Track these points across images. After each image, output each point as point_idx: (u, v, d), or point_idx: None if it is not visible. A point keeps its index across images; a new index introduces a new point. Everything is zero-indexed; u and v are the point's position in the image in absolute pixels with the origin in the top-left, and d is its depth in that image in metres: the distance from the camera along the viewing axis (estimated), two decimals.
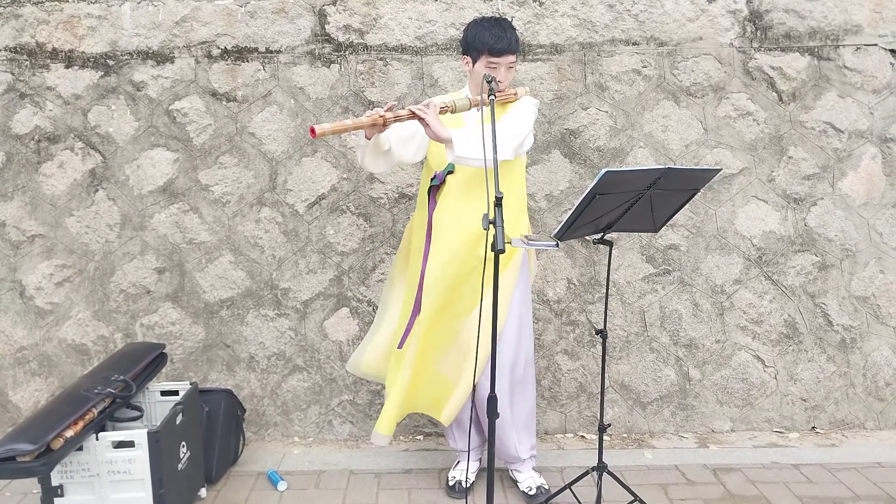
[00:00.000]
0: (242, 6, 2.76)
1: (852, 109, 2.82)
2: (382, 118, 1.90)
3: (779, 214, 2.83)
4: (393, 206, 2.81)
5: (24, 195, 2.79)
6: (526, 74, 2.78)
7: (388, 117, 1.91)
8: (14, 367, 2.80)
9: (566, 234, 1.88)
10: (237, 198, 2.80)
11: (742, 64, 2.82)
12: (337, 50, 2.78)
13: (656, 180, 1.81)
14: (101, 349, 2.79)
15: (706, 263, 2.83)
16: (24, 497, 2.35)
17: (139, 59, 2.78)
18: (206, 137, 2.79)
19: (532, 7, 2.77)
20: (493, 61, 2.03)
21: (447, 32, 2.77)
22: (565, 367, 2.83)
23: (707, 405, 2.84)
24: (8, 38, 2.76)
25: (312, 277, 2.81)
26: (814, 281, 2.83)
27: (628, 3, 2.78)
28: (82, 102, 2.79)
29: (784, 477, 2.46)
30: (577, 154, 2.81)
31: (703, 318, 2.83)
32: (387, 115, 1.91)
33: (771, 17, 2.81)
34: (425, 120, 1.92)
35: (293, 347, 2.82)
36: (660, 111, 2.82)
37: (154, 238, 2.80)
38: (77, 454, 1.93)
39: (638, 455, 2.66)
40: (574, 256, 2.82)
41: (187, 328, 2.80)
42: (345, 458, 2.65)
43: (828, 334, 2.84)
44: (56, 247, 2.79)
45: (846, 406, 2.86)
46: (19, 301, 2.79)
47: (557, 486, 2.23)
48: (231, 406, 2.56)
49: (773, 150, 2.83)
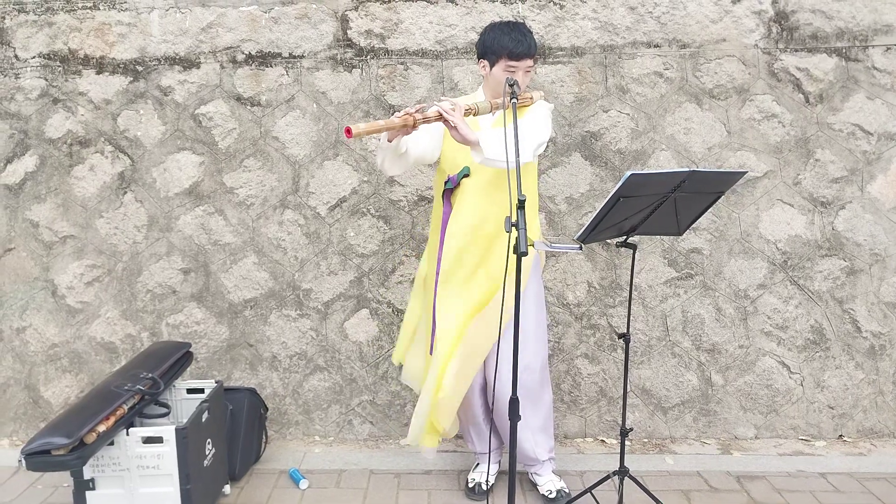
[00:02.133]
0: (266, 12, 2.81)
1: (881, 111, 2.76)
2: (413, 118, 1.91)
3: (805, 218, 2.78)
4: (412, 209, 2.83)
5: (56, 197, 2.87)
6: (546, 77, 2.78)
7: (417, 118, 1.92)
8: (46, 363, 2.88)
9: (589, 237, 1.87)
10: (261, 200, 2.85)
11: (767, 65, 2.78)
12: (358, 55, 2.81)
13: (681, 183, 1.80)
14: (129, 347, 2.86)
15: (729, 267, 2.79)
16: (55, 490, 2.42)
17: (166, 64, 2.84)
18: (231, 141, 2.85)
19: (552, 10, 2.77)
20: (512, 65, 2.03)
21: (467, 36, 2.78)
22: (585, 372, 2.81)
23: (730, 411, 2.80)
24: (42, 45, 2.86)
25: (333, 279, 2.84)
26: (842, 286, 2.77)
27: (650, 6, 2.76)
28: (112, 107, 2.86)
29: (810, 486, 2.41)
30: (597, 157, 2.80)
31: (727, 322, 2.79)
32: (416, 116, 1.91)
33: (797, 18, 2.76)
34: (453, 121, 1.92)
35: (314, 347, 2.85)
36: (682, 113, 2.79)
37: (180, 239, 2.86)
38: (108, 449, 1.98)
39: (659, 460, 2.63)
40: (594, 260, 2.81)
41: (212, 328, 2.86)
42: (365, 457, 2.68)
43: (856, 341, 2.78)
44: (86, 247, 2.87)
45: (875, 414, 2.79)
46: (51, 300, 2.87)
47: (577, 490, 2.22)
48: (254, 405, 2.60)
49: (800, 153, 2.79)
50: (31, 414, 2.89)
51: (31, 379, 2.89)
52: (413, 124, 1.92)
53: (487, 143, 1.92)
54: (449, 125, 1.93)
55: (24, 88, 2.86)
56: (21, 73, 2.86)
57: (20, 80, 2.86)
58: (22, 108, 2.87)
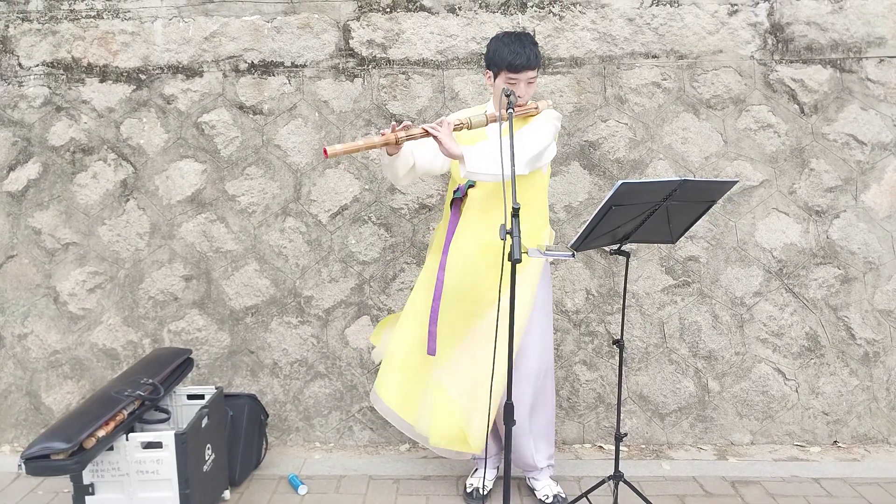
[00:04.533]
0: (269, 22, 2.84)
1: (875, 122, 2.80)
2: (395, 135, 1.95)
3: (800, 227, 2.82)
4: (413, 217, 2.86)
5: (59, 204, 2.89)
6: (546, 87, 2.81)
7: (400, 136, 1.96)
8: (47, 370, 2.90)
9: (583, 245, 1.90)
10: (262, 208, 2.88)
11: (763, 76, 2.82)
12: (360, 64, 2.84)
13: (672, 192, 1.83)
14: (130, 354, 2.87)
15: (726, 275, 2.83)
16: (55, 496, 2.43)
17: (169, 73, 2.87)
18: (233, 149, 2.87)
19: (552, 21, 2.81)
20: (513, 77, 2.06)
21: (468, 46, 2.82)
22: (584, 378, 2.84)
23: (726, 417, 2.83)
24: (46, 53, 2.88)
25: (334, 286, 2.86)
26: (836, 294, 2.81)
27: (648, 17, 2.80)
28: (115, 115, 2.89)
29: (805, 491, 2.44)
30: (596, 166, 2.84)
31: (723, 329, 2.82)
32: (399, 134, 1.96)
33: (792, 30, 2.81)
34: (438, 137, 1.96)
35: (315, 354, 2.88)
36: (679, 123, 2.83)
37: (182, 246, 2.88)
38: (107, 454, 2.00)
39: (655, 466, 2.66)
40: (593, 267, 2.84)
41: (213, 334, 2.88)
42: (364, 463, 2.70)
43: (850, 348, 2.81)
44: (89, 254, 2.89)
45: (869, 420, 2.82)
46: (53, 307, 2.89)
47: (574, 495, 2.24)
48: (254, 411, 2.62)
49: (795, 163, 2.83)
50: (32, 420, 2.90)
51: (32, 385, 2.90)
52: (396, 141, 1.96)
53: (471, 157, 1.95)
54: (437, 140, 1.97)
55: (27, 96, 2.88)
56: (24, 81, 2.89)
57: (24, 88, 2.88)
58: (25, 115, 2.89)
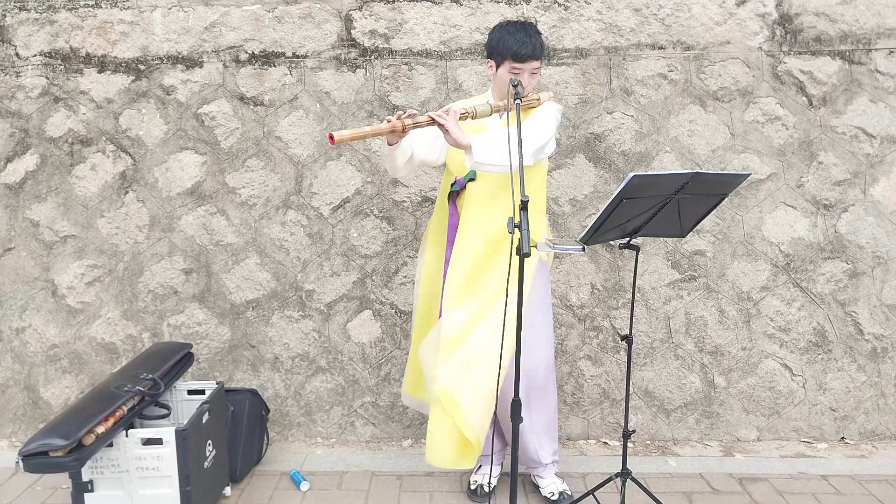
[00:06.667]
0: (270, 11, 2.80)
1: (884, 114, 2.76)
2: (402, 123, 1.91)
3: (808, 221, 2.78)
4: (416, 210, 2.82)
5: (57, 196, 2.85)
6: (550, 78, 2.78)
7: (407, 124, 1.93)
8: (46, 364, 2.86)
9: (592, 239, 1.87)
10: (263, 200, 2.84)
11: (771, 68, 2.78)
12: (362, 55, 2.80)
13: (684, 185, 1.79)
14: (130, 348, 2.84)
15: (732, 270, 2.79)
16: (54, 492, 2.40)
17: (169, 63, 2.83)
18: (234, 141, 2.84)
19: (557, 11, 2.77)
20: (517, 67, 2.02)
21: (472, 37, 2.78)
22: (588, 373, 2.81)
23: (733, 413, 2.80)
24: (43, 43, 2.84)
25: (336, 280, 2.83)
26: (844, 289, 2.78)
27: (654, 7, 2.76)
28: (114, 106, 2.85)
29: (812, 488, 2.41)
30: (601, 158, 2.80)
31: (729, 325, 2.79)
32: (406, 122, 1.92)
33: (801, 21, 2.76)
34: (445, 126, 1.92)
35: (317, 349, 2.84)
36: (686, 116, 2.79)
37: (182, 239, 2.85)
38: (107, 450, 1.97)
39: (661, 462, 2.63)
40: (598, 261, 2.81)
41: (213, 328, 2.85)
42: (367, 459, 2.67)
43: (858, 343, 2.78)
44: (87, 247, 2.86)
45: (876, 416, 2.80)
46: (51, 300, 2.86)
47: (580, 492, 2.22)
48: (256, 406, 2.59)
49: (803, 156, 2.79)
50: (30, 415, 2.87)
51: (30, 380, 2.87)
52: (402, 129, 1.93)
53: (478, 148, 1.91)
54: (443, 129, 1.93)
55: (24, 87, 2.84)
56: (22, 72, 2.84)
57: (21, 79, 2.84)
58: (23, 106, 2.85)
